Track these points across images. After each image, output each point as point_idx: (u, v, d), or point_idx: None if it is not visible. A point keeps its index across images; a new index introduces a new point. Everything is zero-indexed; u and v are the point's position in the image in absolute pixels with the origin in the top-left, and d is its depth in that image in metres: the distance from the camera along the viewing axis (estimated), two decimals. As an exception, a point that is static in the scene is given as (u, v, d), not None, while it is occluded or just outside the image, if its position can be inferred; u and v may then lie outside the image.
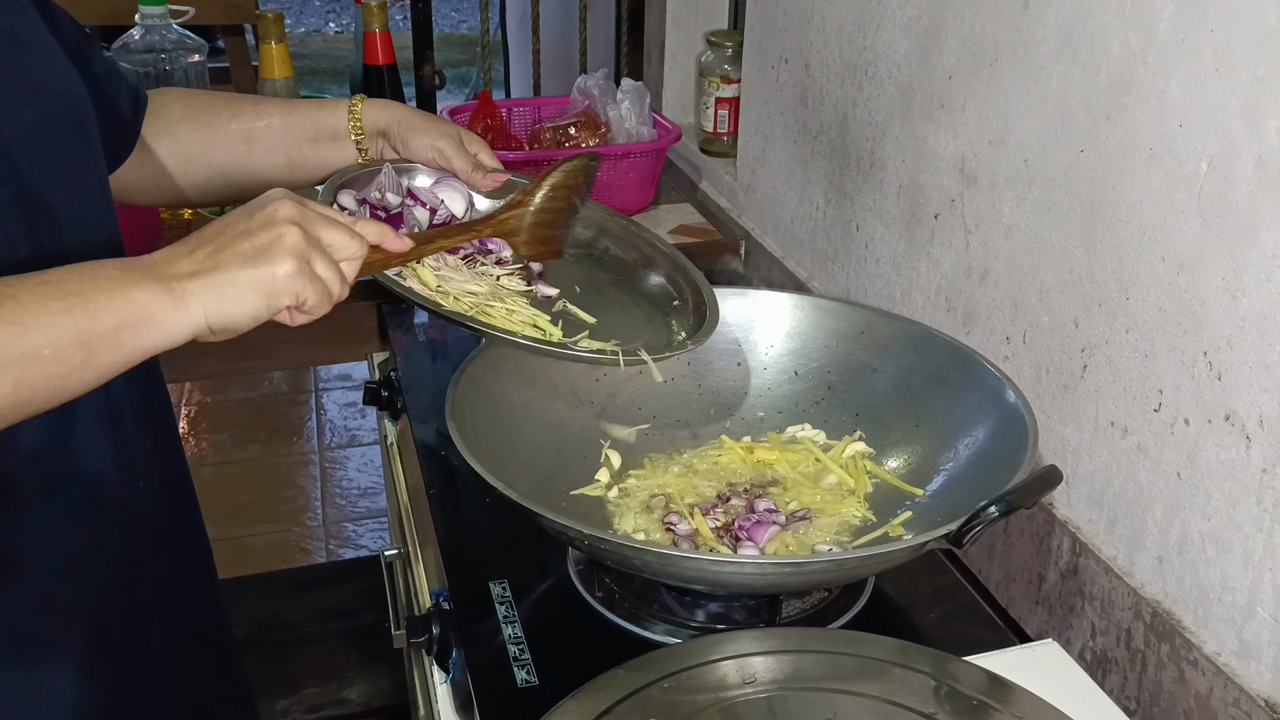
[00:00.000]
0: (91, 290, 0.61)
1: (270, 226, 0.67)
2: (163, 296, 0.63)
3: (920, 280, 1.19)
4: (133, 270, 0.63)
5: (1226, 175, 0.78)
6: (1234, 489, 0.80)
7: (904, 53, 1.17)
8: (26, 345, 0.59)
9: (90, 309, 0.61)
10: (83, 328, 0.60)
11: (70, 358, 0.60)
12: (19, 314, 0.59)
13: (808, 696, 0.71)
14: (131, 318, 0.62)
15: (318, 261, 0.68)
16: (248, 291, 0.65)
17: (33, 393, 0.60)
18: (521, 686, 0.83)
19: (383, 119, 1.01)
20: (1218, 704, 0.82)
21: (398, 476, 1.28)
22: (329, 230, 0.70)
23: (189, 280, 0.64)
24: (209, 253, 0.65)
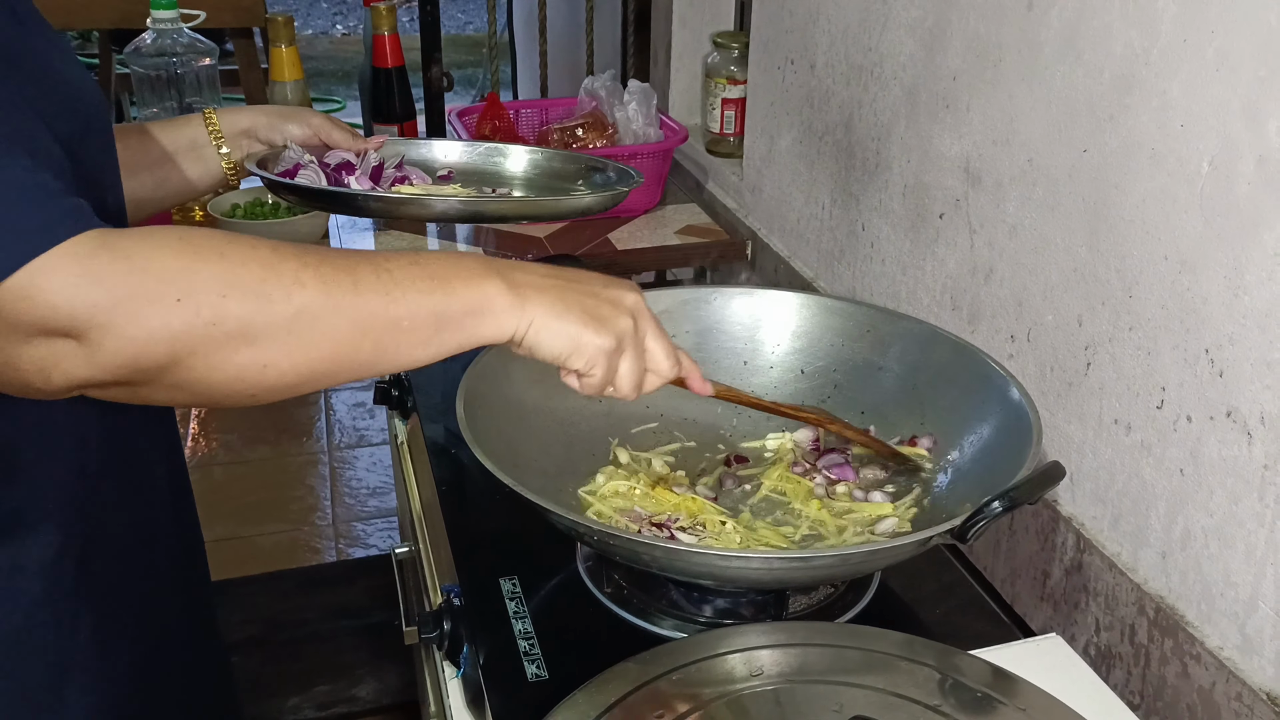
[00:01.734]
0: (453, 276, 0.67)
1: (615, 305, 0.72)
2: (508, 295, 0.68)
3: (925, 279, 1.20)
4: (490, 267, 0.69)
5: (1228, 174, 0.78)
6: (1236, 485, 0.81)
7: (909, 53, 1.18)
8: (392, 315, 0.65)
9: (448, 292, 0.66)
10: (439, 308, 0.66)
11: (423, 331, 0.66)
12: (390, 287, 0.65)
13: (814, 689, 0.72)
14: (477, 306, 0.67)
15: (627, 358, 0.73)
16: (565, 335, 0.70)
17: (384, 357, 0.66)
18: (532, 680, 0.83)
19: (244, 120, 1.08)
20: (1221, 698, 0.83)
21: (408, 475, 1.29)
22: (656, 340, 0.75)
23: (534, 292, 0.69)
24: (558, 286, 0.71)
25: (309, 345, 0.63)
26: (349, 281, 0.63)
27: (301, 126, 1.12)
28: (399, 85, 1.74)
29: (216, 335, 0.59)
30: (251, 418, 2.99)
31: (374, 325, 0.64)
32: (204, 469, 2.76)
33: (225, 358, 0.60)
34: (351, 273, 0.64)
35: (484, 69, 2.22)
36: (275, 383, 0.63)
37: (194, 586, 0.96)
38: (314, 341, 0.63)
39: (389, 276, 0.65)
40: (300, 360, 0.63)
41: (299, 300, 0.61)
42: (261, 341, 0.61)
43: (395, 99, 1.74)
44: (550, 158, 1.33)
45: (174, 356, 0.59)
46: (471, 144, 1.33)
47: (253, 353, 0.61)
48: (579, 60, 2.44)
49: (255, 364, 0.61)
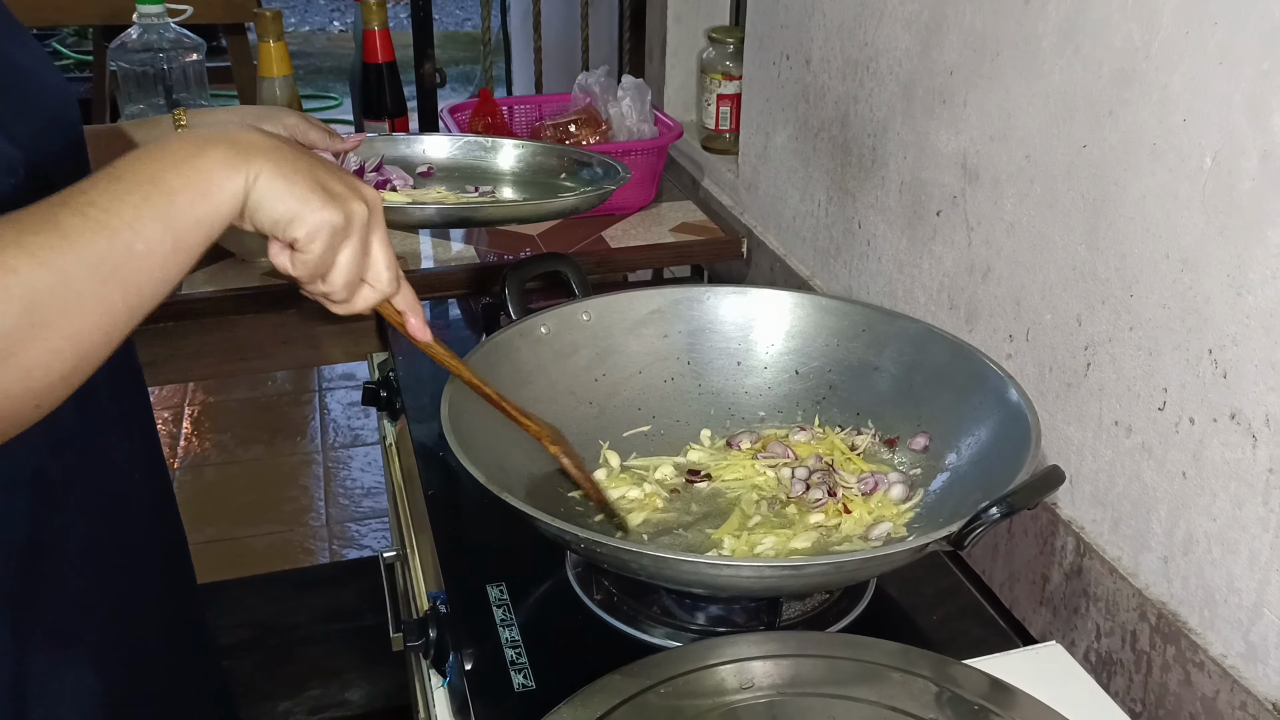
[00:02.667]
0: (162, 171, 0.60)
1: (351, 187, 0.66)
2: (227, 155, 0.61)
3: (922, 278, 1.18)
4: (203, 140, 0.62)
5: (1231, 170, 0.76)
6: (1240, 489, 0.79)
7: (905, 48, 1.16)
8: (119, 247, 0.57)
9: (165, 191, 0.59)
10: (162, 211, 0.59)
11: (162, 244, 0.59)
12: (103, 219, 0.57)
13: (806, 702, 0.70)
14: (200, 185, 0.61)
15: (349, 246, 0.67)
16: (290, 198, 0.63)
17: (142, 291, 0.59)
18: (518, 691, 0.82)
19: (216, 120, 1.05)
20: (1224, 707, 0.81)
21: (396, 478, 1.27)
22: (381, 247, 0.69)
23: (258, 150, 0.63)
24: (292, 153, 0.65)
25: (59, 328, 0.56)
26: (57, 239, 0.55)
27: (276, 127, 1.08)
28: (390, 81, 1.72)
29: None
30: (245, 418, 2.98)
31: (111, 269, 0.57)
32: (196, 469, 2.74)
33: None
34: (55, 228, 0.56)
35: (479, 66, 2.20)
36: (48, 382, 0.56)
37: (179, 596, 0.94)
38: (62, 322, 0.56)
39: (95, 210, 0.57)
40: (61, 347, 0.56)
41: (20, 289, 0.54)
42: (9, 351, 0.54)
43: (386, 95, 1.72)
44: (535, 151, 1.31)
45: None
46: (454, 138, 1.31)
47: (6, 366, 0.54)
48: (574, 56, 2.42)
49: (17, 375, 0.55)
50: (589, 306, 1.05)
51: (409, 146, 1.29)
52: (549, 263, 1.23)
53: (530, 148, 1.31)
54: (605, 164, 1.27)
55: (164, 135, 0.63)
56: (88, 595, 0.80)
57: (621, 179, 1.20)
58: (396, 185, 1.22)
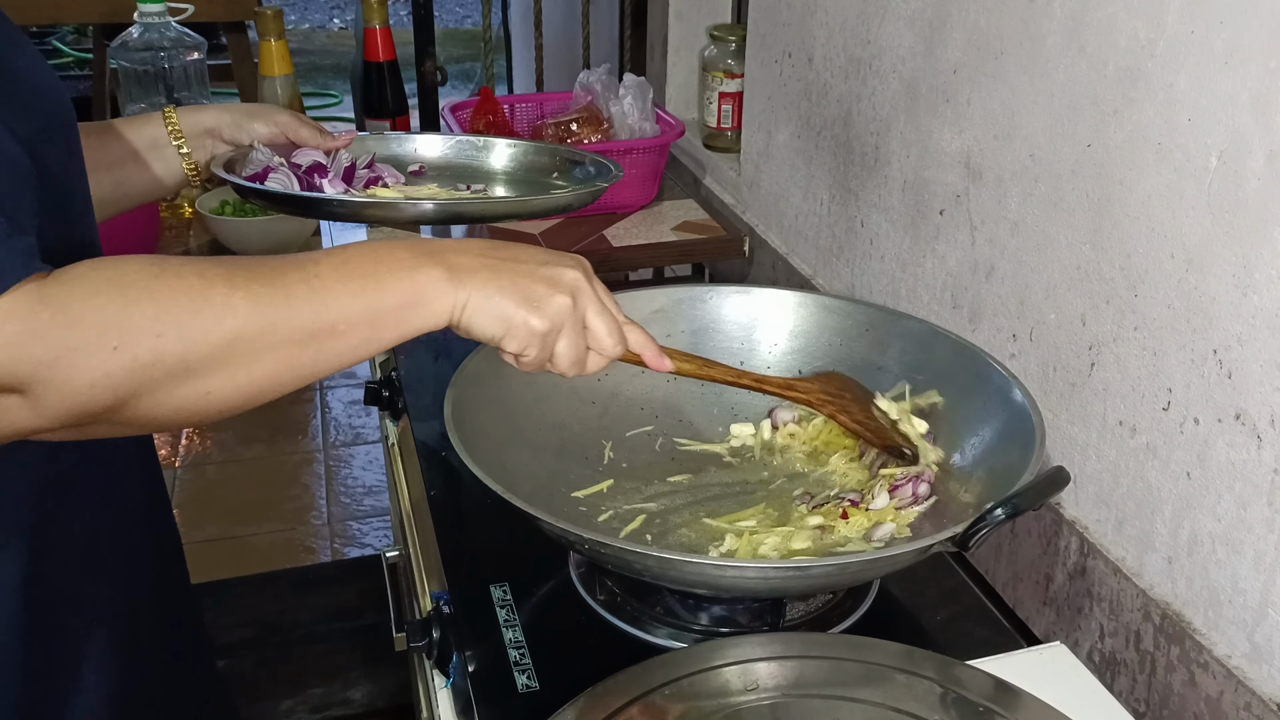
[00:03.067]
0: (384, 271, 0.66)
1: (552, 284, 0.70)
2: (442, 279, 0.67)
3: (926, 277, 1.18)
4: (422, 254, 0.68)
5: (1237, 170, 0.76)
6: (1245, 489, 0.79)
7: (908, 46, 1.16)
8: (326, 321, 0.64)
9: (380, 289, 0.66)
10: (373, 306, 0.66)
11: (360, 332, 0.66)
12: (323, 294, 0.64)
13: (811, 703, 0.69)
14: (412, 298, 0.67)
15: (564, 337, 0.71)
16: (497, 318, 0.69)
17: (324, 362, 0.66)
18: (522, 691, 0.81)
19: (207, 119, 1.05)
20: (1229, 708, 0.81)
21: (399, 477, 1.27)
22: (598, 318, 0.73)
23: (468, 275, 0.68)
24: (493, 265, 0.69)
25: (248, 367, 0.63)
26: (280, 297, 0.63)
27: (268, 125, 1.09)
28: (391, 79, 1.72)
29: (157, 375, 0.60)
30: (245, 416, 2.96)
31: (310, 336, 0.64)
32: (197, 468, 2.74)
33: (168, 393, 0.61)
34: (281, 286, 0.63)
35: (480, 63, 2.19)
36: (220, 406, 0.63)
37: (173, 596, 0.94)
38: (253, 362, 0.63)
39: (319, 283, 0.64)
40: (243, 382, 0.63)
41: (232, 326, 0.61)
42: (201, 372, 0.61)
43: (387, 93, 1.72)
44: (527, 150, 1.31)
45: (118, 400, 0.60)
46: (445, 137, 1.30)
47: (194, 384, 0.61)
48: (575, 54, 2.41)
49: (198, 394, 0.62)
50: (592, 306, 1.05)
51: (401, 145, 1.28)
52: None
53: (523, 147, 1.31)
54: (598, 163, 1.26)
55: (375, 243, 0.69)
56: (85, 596, 0.80)
57: (614, 177, 1.20)
58: (388, 183, 1.21)
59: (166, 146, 1.02)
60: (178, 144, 1.02)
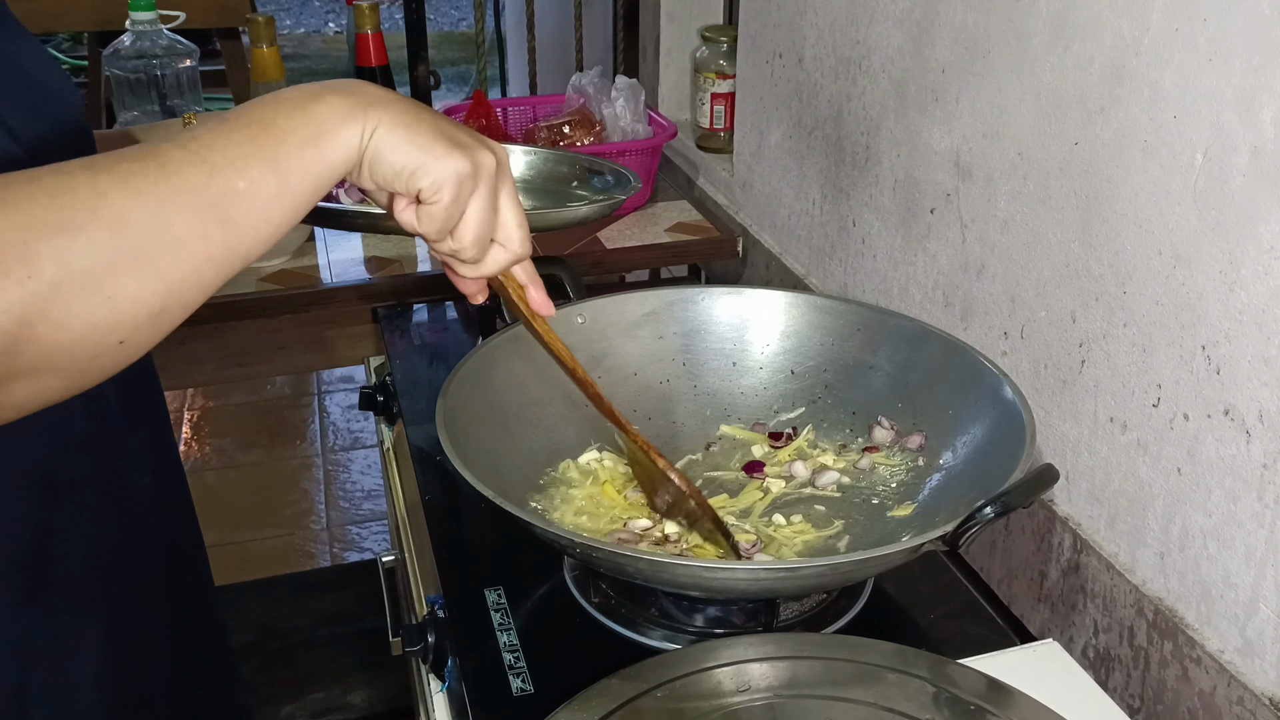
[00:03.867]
0: (276, 114, 0.57)
1: (478, 141, 0.63)
2: (344, 104, 0.59)
3: (917, 275, 1.18)
4: (323, 86, 0.60)
5: (1222, 166, 0.76)
6: (1234, 484, 0.79)
7: (897, 46, 1.16)
8: (220, 181, 0.55)
9: (273, 132, 0.57)
10: (269, 152, 0.57)
11: (267, 186, 0.57)
12: (205, 153, 0.55)
13: (804, 704, 0.70)
14: (314, 131, 0.58)
15: (478, 197, 0.63)
16: (412, 146, 0.60)
17: (242, 233, 0.57)
18: (517, 695, 0.82)
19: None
20: (1222, 702, 0.81)
21: (394, 482, 1.27)
22: (511, 203, 0.66)
23: (379, 101, 0.60)
24: (412, 106, 0.61)
25: (146, 256, 0.53)
26: (155, 168, 0.54)
27: None
28: (384, 84, 1.72)
29: (41, 289, 0.51)
30: (244, 422, 2.98)
31: (209, 203, 0.55)
32: (196, 474, 2.74)
33: (65, 310, 0.52)
34: (155, 156, 0.54)
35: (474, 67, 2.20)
36: (135, 314, 0.54)
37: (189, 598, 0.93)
38: (150, 249, 0.53)
39: (198, 144, 0.55)
40: (148, 277, 0.54)
41: (108, 211, 0.52)
42: (91, 276, 0.52)
43: (380, 99, 1.71)
44: (545, 158, 1.30)
45: (12, 335, 0.51)
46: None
47: (91, 293, 0.52)
48: (569, 57, 2.42)
49: (101, 303, 0.53)
50: (583, 309, 1.05)
51: None
52: (543, 266, 1.22)
53: (540, 155, 1.30)
54: (617, 172, 1.26)
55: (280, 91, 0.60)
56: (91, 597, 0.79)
57: (633, 188, 1.19)
58: None
59: None
60: None
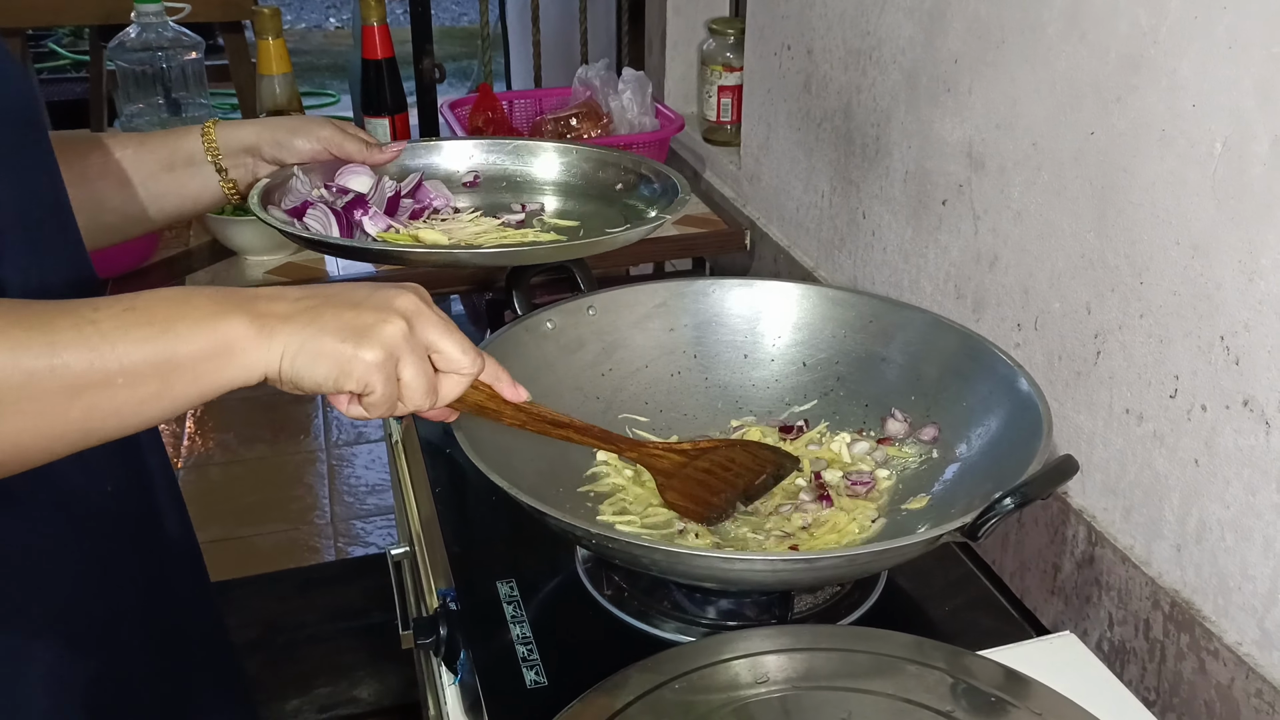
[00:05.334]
0: (177, 320, 0.60)
1: (381, 311, 0.64)
2: (249, 330, 0.61)
3: (929, 268, 1.17)
4: (227, 302, 0.62)
5: (1241, 155, 0.76)
6: (1253, 476, 0.79)
7: (908, 36, 1.15)
8: (100, 373, 0.57)
9: (171, 339, 0.59)
10: (162, 357, 0.59)
11: (147, 385, 0.59)
12: (96, 341, 0.57)
13: (822, 695, 0.69)
14: (213, 349, 0.60)
15: (407, 364, 0.65)
16: (324, 359, 0.63)
17: (104, 420, 0.59)
18: (531, 687, 0.81)
19: (246, 136, 1.01)
20: (1239, 695, 0.80)
21: (403, 475, 1.27)
22: (443, 337, 0.67)
23: (281, 322, 0.62)
24: (311, 306, 0.63)
25: (8, 419, 0.56)
26: (42, 343, 0.56)
27: (310, 141, 1.05)
28: (389, 77, 1.71)
29: None
30: (248, 417, 2.98)
31: (81, 387, 0.57)
32: (200, 469, 2.74)
33: None
34: (47, 329, 0.57)
35: (478, 60, 2.19)
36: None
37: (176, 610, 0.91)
38: (7, 413, 0.56)
39: (94, 329, 0.57)
40: (4, 434, 0.57)
41: None
42: None
43: (386, 90, 1.71)
44: (584, 157, 1.24)
45: None
46: (495, 143, 1.24)
47: None
48: (573, 50, 2.41)
49: None
50: (594, 301, 1.05)
51: (449, 154, 1.23)
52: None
53: (580, 152, 1.24)
54: (664, 178, 1.18)
55: (169, 290, 0.62)
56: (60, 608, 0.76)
57: (681, 200, 1.12)
58: (437, 205, 1.16)
59: (203, 164, 0.98)
60: (214, 161, 0.99)
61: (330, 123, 1.08)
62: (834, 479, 0.95)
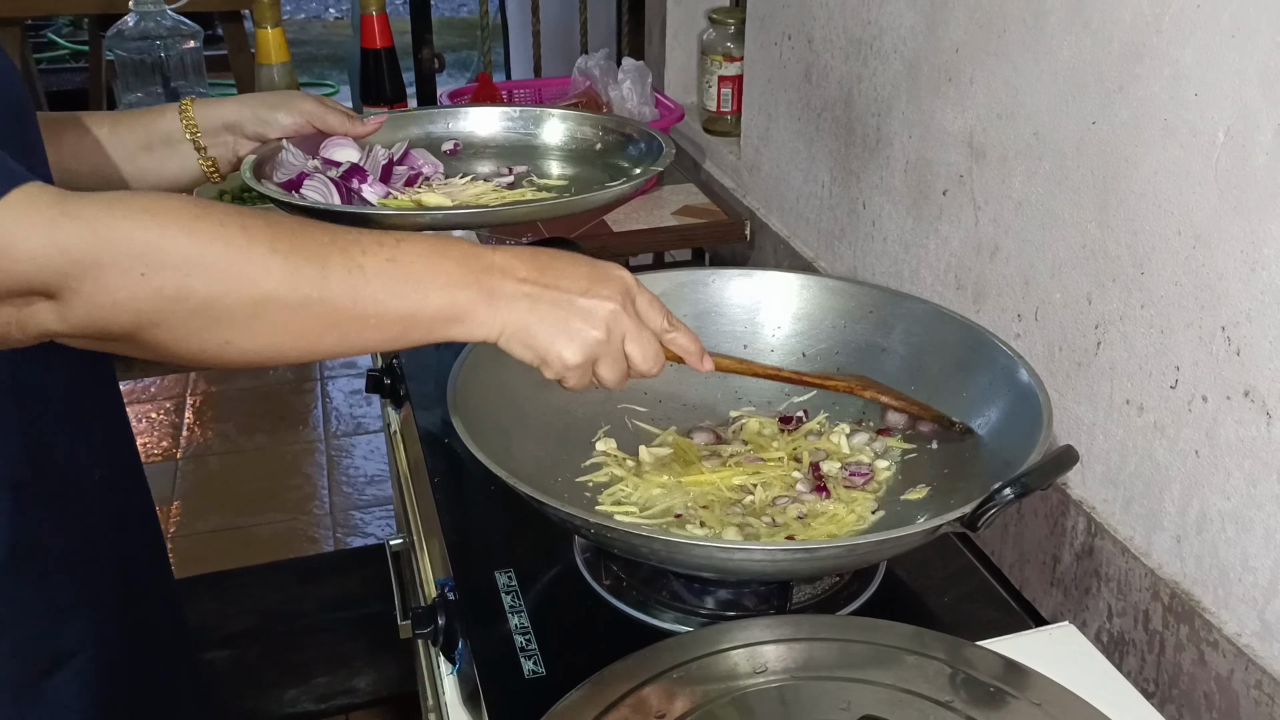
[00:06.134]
0: (429, 280, 0.67)
1: (588, 317, 0.71)
2: (480, 303, 0.68)
3: (929, 258, 1.17)
4: (469, 270, 0.68)
5: (1244, 145, 0.76)
6: (1254, 467, 0.78)
7: (909, 26, 1.15)
8: (359, 311, 0.65)
9: (418, 299, 0.67)
10: (409, 310, 0.67)
11: (390, 329, 0.67)
12: (361, 285, 0.64)
13: (820, 685, 0.69)
14: (449, 314, 0.68)
15: (604, 365, 0.72)
16: (533, 349, 0.70)
17: (348, 346, 0.67)
18: (529, 677, 0.81)
19: (226, 113, 1.01)
20: (1239, 686, 0.80)
21: (401, 465, 1.27)
22: (634, 344, 0.73)
23: (507, 302, 0.69)
24: (534, 293, 0.70)
25: (271, 331, 0.63)
26: (317, 274, 0.63)
27: (291, 115, 1.04)
28: (389, 66, 1.71)
29: (180, 311, 0.60)
30: (248, 407, 2.97)
31: (341, 320, 0.65)
32: (199, 459, 2.74)
33: (189, 332, 0.62)
34: (322, 263, 0.63)
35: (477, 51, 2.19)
36: (237, 358, 0.64)
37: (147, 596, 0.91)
38: (278, 327, 0.63)
39: (360, 274, 0.65)
40: (264, 342, 0.64)
41: (264, 288, 0.62)
42: (224, 321, 0.62)
43: (385, 80, 1.70)
44: (571, 121, 1.25)
45: (138, 325, 0.60)
46: (482, 110, 1.25)
47: (216, 330, 0.62)
48: (573, 39, 2.40)
49: (218, 340, 0.63)
50: (594, 290, 1.04)
51: (434, 124, 1.23)
52: (551, 247, 1.21)
53: (567, 117, 1.25)
54: (647, 136, 1.19)
55: (427, 243, 0.69)
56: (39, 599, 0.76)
57: (667, 156, 1.13)
58: (427, 173, 1.17)
59: (182, 142, 0.98)
60: (193, 138, 0.98)
61: (310, 96, 1.09)
62: (832, 470, 0.95)
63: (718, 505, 0.92)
